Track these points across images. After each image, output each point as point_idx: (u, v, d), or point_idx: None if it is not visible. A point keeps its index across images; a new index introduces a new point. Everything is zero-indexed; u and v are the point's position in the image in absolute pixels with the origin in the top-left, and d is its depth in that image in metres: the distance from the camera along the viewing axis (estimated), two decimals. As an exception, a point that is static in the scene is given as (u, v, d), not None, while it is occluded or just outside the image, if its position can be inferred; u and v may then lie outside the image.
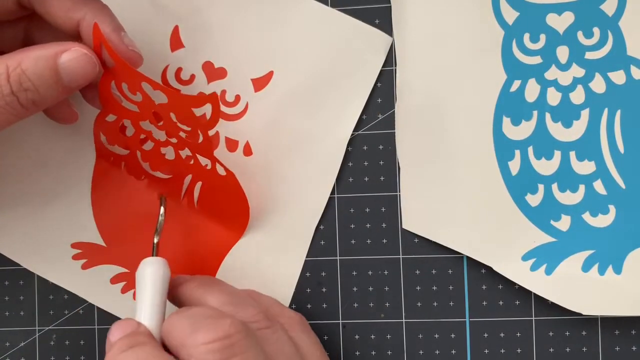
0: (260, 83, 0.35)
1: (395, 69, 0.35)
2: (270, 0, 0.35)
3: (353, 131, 0.35)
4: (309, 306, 0.36)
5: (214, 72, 0.36)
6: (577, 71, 0.33)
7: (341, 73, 0.35)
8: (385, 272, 0.35)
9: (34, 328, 0.37)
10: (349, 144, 0.35)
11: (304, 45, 0.35)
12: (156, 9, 0.35)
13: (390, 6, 0.35)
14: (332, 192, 0.36)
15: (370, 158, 0.35)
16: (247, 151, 0.36)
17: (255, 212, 0.35)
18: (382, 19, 0.35)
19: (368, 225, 0.35)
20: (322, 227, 0.36)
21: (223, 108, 0.36)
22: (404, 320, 0.35)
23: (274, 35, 0.35)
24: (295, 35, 0.35)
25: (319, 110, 0.35)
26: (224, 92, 0.36)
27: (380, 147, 0.35)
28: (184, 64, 0.36)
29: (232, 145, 0.36)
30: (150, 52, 0.35)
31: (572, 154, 0.33)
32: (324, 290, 0.36)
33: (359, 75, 0.35)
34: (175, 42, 0.36)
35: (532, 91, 0.33)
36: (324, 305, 0.36)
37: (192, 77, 0.36)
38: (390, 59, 0.35)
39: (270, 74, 0.35)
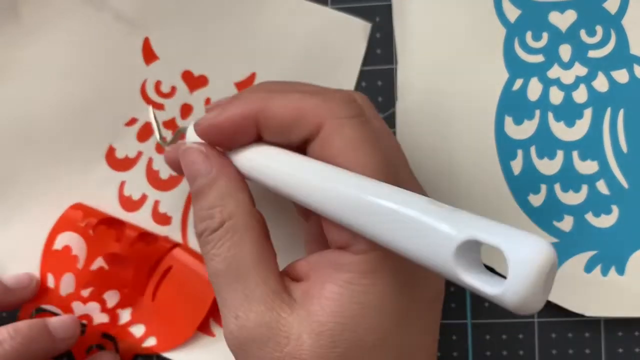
0: (244, 86, 0.35)
1: (396, 68, 0.35)
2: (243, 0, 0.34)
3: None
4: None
5: (194, 81, 0.35)
6: (579, 70, 0.33)
7: (324, 65, 0.34)
8: (386, 273, 0.35)
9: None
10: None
11: (283, 42, 0.34)
12: (121, 23, 0.35)
13: (391, 4, 0.34)
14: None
15: (371, 158, 0.35)
16: None
17: None
18: (382, 17, 0.35)
19: (368, 226, 0.35)
20: (321, 227, 0.35)
21: None
22: (404, 322, 0.35)
23: (251, 35, 0.34)
24: (272, 33, 0.34)
25: None
26: (208, 100, 0.35)
27: (381, 146, 0.35)
28: (162, 77, 0.35)
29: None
30: (123, 69, 0.35)
31: (575, 154, 0.33)
32: (323, 291, 0.36)
33: (343, 65, 0.34)
34: (149, 55, 0.35)
35: (534, 90, 0.33)
36: (324, 307, 0.36)
37: (173, 89, 0.35)
38: (390, 58, 0.35)
39: (253, 75, 0.35)
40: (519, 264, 0.18)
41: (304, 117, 0.25)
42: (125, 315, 0.35)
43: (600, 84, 0.33)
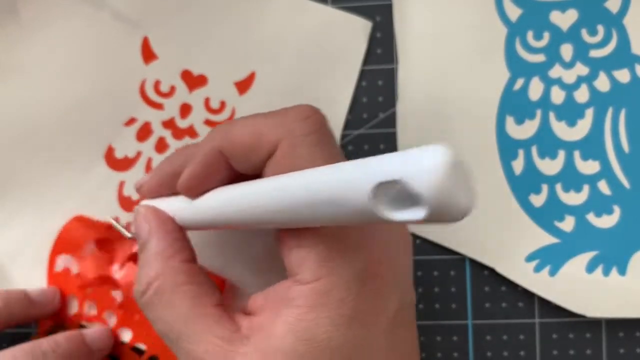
0: (243, 85, 0.35)
1: (397, 67, 0.34)
2: None
3: (354, 130, 0.35)
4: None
5: (194, 80, 0.35)
6: (581, 69, 0.33)
7: (325, 64, 0.34)
8: (386, 274, 0.35)
9: (31, 330, 0.37)
10: (350, 143, 0.35)
11: (282, 41, 0.34)
12: (120, 22, 0.34)
13: (392, 3, 0.34)
14: (332, 193, 0.35)
15: (371, 158, 0.35)
16: None
17: None
18: (383, 17, 0.34)
19: (369, 226, 0.35)
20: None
21: (209, 116, 0.35)
22: (405, 323, 0.35)
23: (250, 35, 0.34)
24: (271, 32, 0.34)
25: (308, 103, 0.35)
26: (207, 99, 0.35)
27: (382, 146, 0.35)
28: (161, 76, 0.35)
29: None
30: (122, 69, 0.35)
31: (577, 154, 0.33)
32: (323, 292, 0.35)
33: (343, 64, 0.34)
34: (148, 54, 0.35)
35: (535, 90, 0.33)
36: (324, 308, 0.35)
37: (172, 88, 0.35)
38: (391, 57, 0.35)
39: (252, 74, 0.35)
40: (425, 179, 0.18)
41: (261, 138, 0.25)
42: (126, 335, 0.35)
43: (602, 83, 0.33)
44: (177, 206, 0.28)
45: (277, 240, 0.26)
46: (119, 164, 0.35)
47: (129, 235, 0.31)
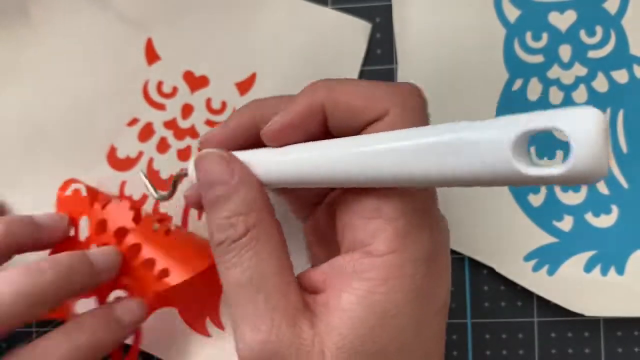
0: (244, 86, 0.35)
1: (396, 68, 0.35)
2: (244, 1, 0.34)
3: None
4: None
5: (195, 81, 0.35)
6: (579, 70, 0.33)
7: (325, 65, 0.34)
8: (386, 273, 0.35)
9: (31, 329, 0.37)
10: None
11: (283, 43, 0.35)
12: (125, 23, 0.35)
13: (391, 4, 0.34)
14: (332, 192, 0.35)
15: (371, 158, 0.35)
16: None
17: None
18: (382, 17, 0.35)
19: (368, 226, 0.35)
20: (322, 227, 0.36)
21: (210, 116, 0.35)
22: (404, 322, 0.35)
23: (251, 36, 0.35)
24: (272, 33, 0.35)
25: None
26: (209, 100, 0.35)
27: (381, 146, 0.35)
28: (164, 77, 0.35)
29: None
30: (126, 69, 0.35)
31: (575, 154, 0.33)
32: (324, 291, 0.36)
33: (343, 65, 0.35)
34: (151, 55, 0.35)
35: (534, 90, 0.33)
36: (324, 307, 0.36)
37: (175, 89, 0.35)
38: (390, 58, 0.35)
39: (253, 75, 0.35)
40: (581, 130, 0.18)
41: (373, 102, 0.25)
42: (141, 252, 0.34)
43: (600, 84, 0.33)
44: (259, 158, 0.27)
45: (337, 210, 0.26)
46: (120, 164, 0.35)
47: (155, 195, 0.30)
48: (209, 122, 0.35)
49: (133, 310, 0.32)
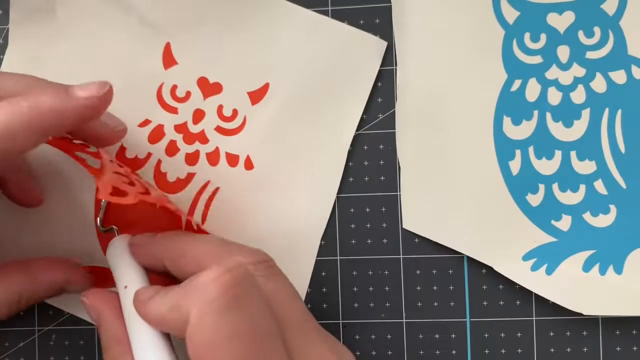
0: (256, 96, 0.35)
1: (396, 69, 0.35)
2: (262, 12, 0.35)
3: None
4: (309, 306, 0.36)
5: (209, 88, 0.36)
6: (577, 71, 0.33)
7: (338, 80, 0.35)
8: (386, 272, 0.35)
9: (33, 328, 0.37)
10: (350, 144, 0.35)
11: (298, 55, 0.35)
12: (146, 27, 0.35)
13: (391, 5, 0.35)
14: (333, 192, 0.36)
15: (371, 158, 0.35)
16: (249, 165, 0.35)
17: (260, 226, 0.35)
18: (382, 19, 0.35)
19: (368, 225, 0.35)
20: (322, 227, 0.36)
21: (221, 123, 0.36)
22: (404, 320, 0.35)
23: (267, 47, 0.35)
24: (288, 46, 0.35)
25: (318, 119, 0.35)
26: (220, 107, 0.35)
27: (381, 146, 0.35)
28: (179, 81, 0.36)
29: (232, 160, 0.36)
30: (143, 72, 0.35)
31: (573, 154, 0.33)
32: (324, 290, 0.36)
33: (356, 81, 0.35)
34: (168, 59, 0.36)
35: (532, 91, 0.33)
36: (324, 305, 0.36)
37: (188, 93, 0.36)
38: (390, 59, 0.35)
39: (266, 86, 0.35)
40: None
41: (180, 310, 0.26)
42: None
43: (598, 84, 0.33)
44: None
45: None
46: (129, 164, 0.36)
47: (98, 224, 0.33)
48: (219, 129, 0.36)
49: (89, 87, 0.29)
